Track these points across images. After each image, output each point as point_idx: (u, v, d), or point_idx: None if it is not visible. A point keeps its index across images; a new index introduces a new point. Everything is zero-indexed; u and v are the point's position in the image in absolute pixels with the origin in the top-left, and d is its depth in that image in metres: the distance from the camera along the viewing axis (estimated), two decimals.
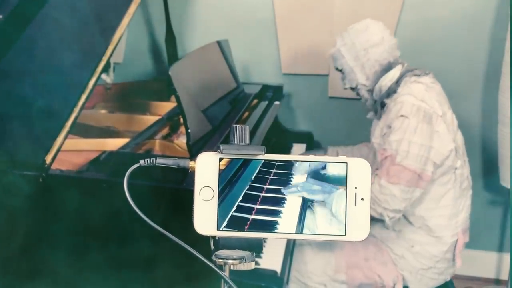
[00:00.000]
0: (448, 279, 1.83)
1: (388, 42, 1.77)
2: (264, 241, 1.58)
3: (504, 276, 2.54)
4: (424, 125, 1.62)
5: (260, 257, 1.52)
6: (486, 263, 2.57)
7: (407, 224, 1.75)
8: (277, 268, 1.48)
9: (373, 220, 1.76)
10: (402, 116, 1.63)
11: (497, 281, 2.58)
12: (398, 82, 1.74)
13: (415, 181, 1.62)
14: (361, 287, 1.78)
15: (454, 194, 1.73)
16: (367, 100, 1.84)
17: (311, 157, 0.59)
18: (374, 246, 1.79)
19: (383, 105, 1.78)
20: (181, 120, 1.84)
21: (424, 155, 1.62)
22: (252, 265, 0.58)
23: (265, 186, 0.59)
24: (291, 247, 1.70)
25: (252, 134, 1.78)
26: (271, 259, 1.51)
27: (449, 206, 1.73)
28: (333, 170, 0.59)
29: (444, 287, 1.82)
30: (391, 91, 1.74)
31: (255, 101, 2.15)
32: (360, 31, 1.78)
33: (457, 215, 1.75)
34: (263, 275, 1.43)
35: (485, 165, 2.45)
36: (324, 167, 0.59)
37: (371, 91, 1.81)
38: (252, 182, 0.59)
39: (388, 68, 1.77)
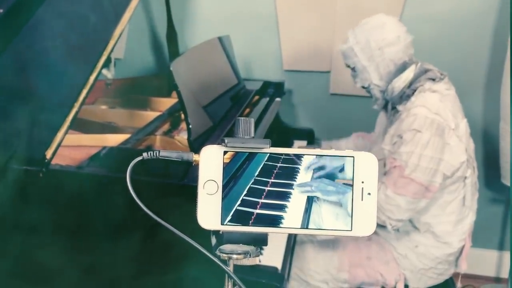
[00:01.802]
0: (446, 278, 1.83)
1: (404, 40, 1.69)
2: None
3: (505, 274, 2.54)
4: (436, 138, 1.58)
5: (261, 253, 1.51)
6: (486, 261, 2.57)
7: (413, 228, 1.75)
8: (278, 264, 1.47)
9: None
10: (414, 129, 1.59)
11: (498, 279, 2.57)
12: (411, 86, 1.68)
13: (421, 193, 1.60)
14: (362, 285, 1.78)
15: (461, 201, 1.71)
16: (378, 99, 1.78)
17: (317, 151, 0.58)
18: (377, 244, 1.78)
19: (393, 107, 1.75)
20: (182, 116, 1.83)
21: (434, 168, 1.58)
22: (257, 260, 0.57)
23: (270, 180, 0.58)
24: (291, 243, 1.69)
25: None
26: (271, 255, 1.51)
27: (455, 213, 1.71)
28: (338, 168, 0.58)
29: (445, 285, 1.82)
30: (405, 96, 1.69)
31: (256, 97, 2.14)
32: (375, 28, 1.69)
33: (463, 221, 1.73)
34: (264, 272, 1.42)
35: (486, 163, 2.44)
36: (331, 167, 0.58)
37: (383, 91, 1.75)
38: (257, 176, 0.58)
39: (402, 68, 1.70)
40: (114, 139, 1.68)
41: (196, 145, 1.50)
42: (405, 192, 1.59)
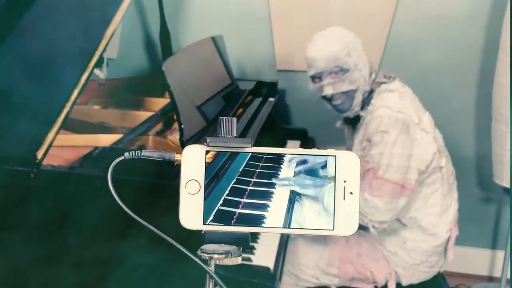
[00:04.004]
0: (441, 271, 1.84)
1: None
2: (257, 237, 1.58)
3: (497, 273, 2.55)
4: (403, 136, 1.61)
5: (253, 253, 1.51)
6: (479, 260, 2.57)
7: (400, 225, 1.76)
8: (270, 264, 1.48)
9: None
10: (382, 131, 1.62)
11: (490, 278, 2.58)
12: (370, 92, 1.72)
13: (398, 192, 1.62)
14: (353, 280, 1.79)
15: (442, 191, 1.74)
16: (352, 108, 1.74)
17: (299, 150, 0.58)
18: (367, 242, 1.79)
19: (357, 116, 1.77)
20: (175, 116, 1.83)
21: (405, 165, 1.61)
22: (239, 260, 0.57)
23: (252, 180, 0.58)
24: (284, 243, 1.69)
25: (246, 130, 1.78)
26: (264, 255, 1.51)
27: (438, 204, 1.74)
28: (320, 164, 0.59)
29: (435, 280, 1.83)
30: (365, 101, 1.72)
31: (250, 97, 2.14)
32: (348, 34, 1.73)
33: (447, 211, 1.76)
34: (256, 272, 1.42)
35: (479, 162, 2.45)
36: (313, 163, 0.58)
37: (363, 93, 1.73)
38: (239, 176, 0.58)
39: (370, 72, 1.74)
40: (106, 139, 1.68)
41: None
42: (381, 193, 1.61)
